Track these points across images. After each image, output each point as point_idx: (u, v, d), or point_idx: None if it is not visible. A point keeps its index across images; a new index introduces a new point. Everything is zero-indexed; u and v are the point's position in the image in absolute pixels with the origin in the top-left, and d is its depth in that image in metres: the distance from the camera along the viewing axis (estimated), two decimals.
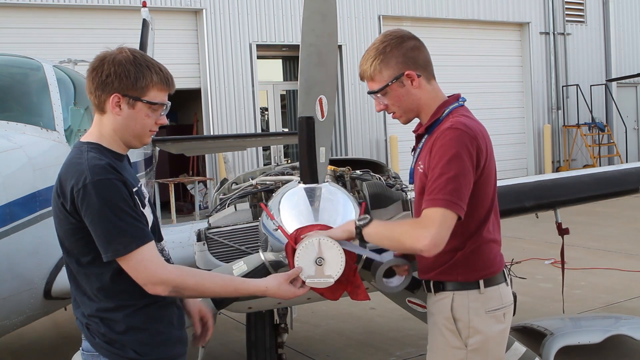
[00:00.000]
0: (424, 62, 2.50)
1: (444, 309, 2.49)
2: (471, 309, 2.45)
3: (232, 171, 11.90)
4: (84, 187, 2.13)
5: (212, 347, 5.34)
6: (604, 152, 18.77)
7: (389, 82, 2.47)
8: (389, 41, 2.48)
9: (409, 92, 2.49)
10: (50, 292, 3.86)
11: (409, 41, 2.49)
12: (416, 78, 2.47)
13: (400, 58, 2.46)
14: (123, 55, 2.24)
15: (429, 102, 2.51)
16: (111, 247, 2.14)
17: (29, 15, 12.42)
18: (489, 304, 2.48)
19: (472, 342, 2.45)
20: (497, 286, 2.51)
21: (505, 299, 2.54)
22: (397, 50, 2.46)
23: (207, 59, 13.86)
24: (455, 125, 2.37)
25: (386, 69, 2.47)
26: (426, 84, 2.51)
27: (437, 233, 2.26)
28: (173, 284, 2.20)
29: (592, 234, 9.99)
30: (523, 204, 4.58)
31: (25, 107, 4.61)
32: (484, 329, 2.46)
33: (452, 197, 2.29)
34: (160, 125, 2.35)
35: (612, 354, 5.13)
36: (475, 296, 2.46)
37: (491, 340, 2.48)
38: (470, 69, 16.86)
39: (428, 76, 2.52)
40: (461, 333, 2.45)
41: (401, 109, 2.54)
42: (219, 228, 3.58)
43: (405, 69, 2.46)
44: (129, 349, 2.25)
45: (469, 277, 2.47)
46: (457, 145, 2.33)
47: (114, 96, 2.23)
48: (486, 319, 2.47)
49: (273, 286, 2.35)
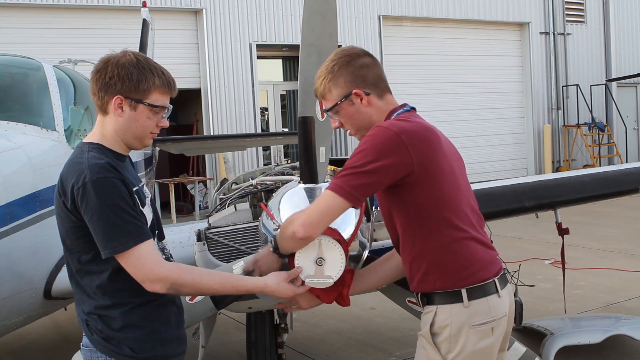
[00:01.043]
0: (374, 80, 2.47)
1: (426, 323, 2.44)
2: (453, 324, 2.36)
3: (232, 171, 11.90)
4: (83, 185, 2.17)
5: (212, 347, 5.34)
6: (604, 152, 18.77)
7: (337, 101, 2.46)
8: (338, 60, 2.46)
9: (358, 110, 2.47)
10: (50, 292, 3.86)
11: (358, 59, 2.46)
12: (364, 96, 2.44)
13: (348, 77, 2.44)
14: (127, 58, 2.28)
15: (381, 119, 2.47)
16: (110, 244, 2.18)
17: (29, 15, 12.43)
18: (474, 318, 2.36)
19: (451, 356, 2.37)
20: (485, 299, 2.38)
21: (495, 311, 2.40)
22: (345, 69, 2.44)
23: (207, 59, 13.86)
24: (381, 124, 2.38)
25: (335, 87, 2.45)
26: (377, 100, 2.48)
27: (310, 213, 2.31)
28: (170, 281, 2.22)
29: (592, 234, 9.99)
30: (523, 204, 4.58)
31: (25, 107, 4.61)
32: (465, 345, 2.36)
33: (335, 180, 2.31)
34: (162, 127, 2.39)
35: (612, 354, 5.13)
36: (459, 310, 2.36)
37: (474, 356, 2.37)
38: (470, 69, 16.86)
39: (380, 92, 2.49)
40: (440, 348, 2.38)
41: (354, 126, 2.52)
42: (219, 228, 3.59)
43: (353, 88, 2.44)
44: (124, 345, 2.29)
45: (447, 282, 2.37)
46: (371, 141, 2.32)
47: (117, 98, 2.27)
48: (470, 334, 2.36)
49: (272, 284, 2.36)
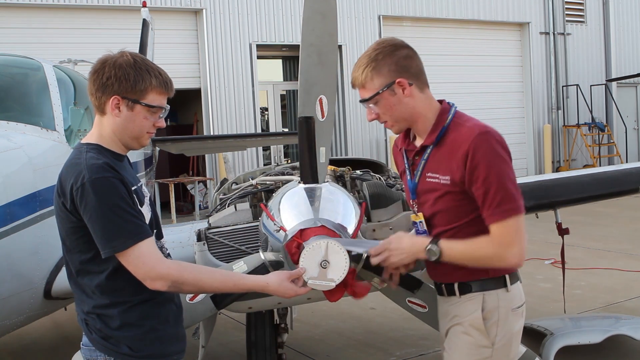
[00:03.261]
0: (416, 71, 2.46)
1: (473, 309, 2.49)
2: (501, 308, 2.48)
3: (232, 171, 11.90)
4: (82, 185, 2.18)
5: (212, 347, 5.34)
6: (604, 152, 18.77)
7: (379, 90, 2.43)
8: (382, 49, 2.44)
9: (400, 100, 2.44)
10: (50, 292, 3.86)
11: (402, 50, 2.46)
12: (408, 86, 2.43)
13: (392, 66, 2.42)
14: (124, 58, 2.29)
15: (424, 112, 2.48)
16: (109, 244, 2.19)
17: (29, 15, 12.42)
18: (514, 302, 2.51)
19: (499, 339, 2.48)
20: (518, 283, 2.55)
21: (523, 295, 2.58)
22: (389, 58, 2.43)
23: (207, 59, 13.86)
24: (485, 129, 2.38)
25: (377, 76, 2.43)
26: (419, 92, 2.47)
27: (521, 245, 2.36)
28: (171, 279, 2.23)
29: (592, 234, 9.98)
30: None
31: (25, 107, 4.61)
32: (510, 327, 2.50)
33: (515, 203, 2.34)
34: (158, 127, 2.39)
35: (612, 354, 5.13)
36: (504, 295, 2.49)
37: (514, 337, 2.53)
38: (471, 69, 16.87)
39: (421, 85, 2.48)
40: (489, 332, 2.47)
41: (393, 117, 2.50)
42: (219, 228, 3.59)
43: (396, 77, 2.42)
44: (123, 344, 2.30)
45: (497, 271, 2.48)
46: (499, 149, 2.35)
47: (114, 98, 2.28)
48: (512, 316, 2.50)
49: (274, 283, 2.36)
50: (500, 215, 2.33)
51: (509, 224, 2.33)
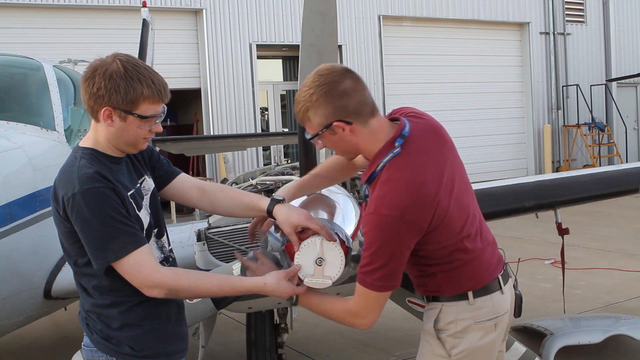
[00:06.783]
0: (355, 108, 2.30)
1: (430, 318, 2.48)
2: (458, 321, 2.40)
3: (232, 171, 11.91)
4: (72, 196, 2.16)
5: (212, 347, 5.34)
6: (604, 152, 18.77)
7: (319, 131, 2.34)
8: (316, 89, 2.28)
9: (342, 138, 2.34)
10: (50, 292, 3.87)
11: (338, 87, 2.28)
12: (346, 127, 2.30)
13: (328, 108, 2.28)
14: (114, 67, 2.19)
15: (367, 146, 2.37)
16: (101, 255, 2.18)
17: (29, 15, 12.43)
18: (478, 315, 2.41)
19: (456, 352, 2.41)
20: (490, 296, 2.43)
21: (499, 308, 2.45)
22: (323, 99, 2.27)
23: (207, 59, 13.86)
24: (378, 210, 2.23)
25: (315, 117, 2.30)
26: (361, 128, 2.32)
27: (373, 317, 2.44)
28: (168, 287, 2.22)
29: (592, 234, 9.99)
30: (523, 204, 4.58)
31: (25, 107, 4.61)
32: (470, 341, 2.40)
33: (382, 282, 2.30)
34: (155, 132, 2.34)
35: (612, 354, 5.13)
36: (464, 307, 2.41)
37: (477, 352, 2.42)
38: (471, 69, 16.86)
39: (364, 120, 2.32)
40: (445, 343, 2.42)
41: (339, 152, 2.46)
42: (219, 228, 3.59)
43: (333, 119, 2.28)
44: (124, 344, 2.29)
45: (457, 291, 2.42)
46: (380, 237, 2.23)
47: (105, 109, 2.21)
48: (474, 330, 2.41)
49: (272, 283, 2.34)
50: (361, 279, 2.31)
51: (366, 295, 2.35)
